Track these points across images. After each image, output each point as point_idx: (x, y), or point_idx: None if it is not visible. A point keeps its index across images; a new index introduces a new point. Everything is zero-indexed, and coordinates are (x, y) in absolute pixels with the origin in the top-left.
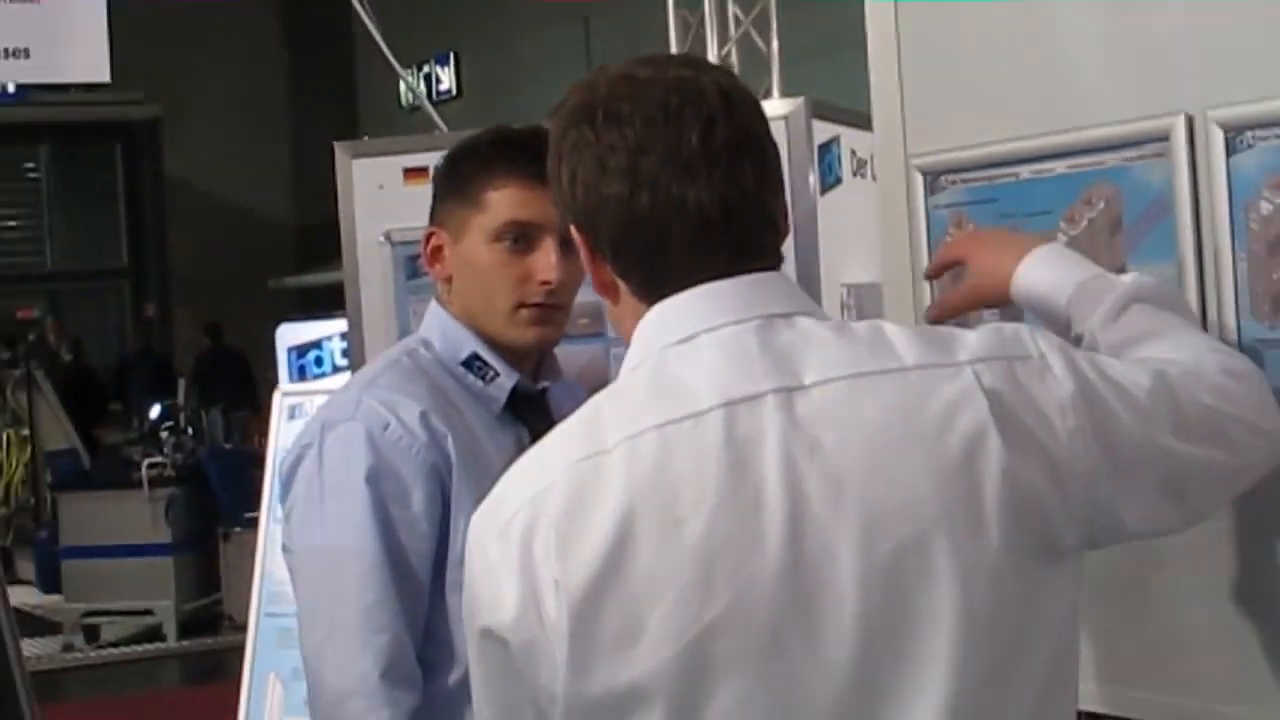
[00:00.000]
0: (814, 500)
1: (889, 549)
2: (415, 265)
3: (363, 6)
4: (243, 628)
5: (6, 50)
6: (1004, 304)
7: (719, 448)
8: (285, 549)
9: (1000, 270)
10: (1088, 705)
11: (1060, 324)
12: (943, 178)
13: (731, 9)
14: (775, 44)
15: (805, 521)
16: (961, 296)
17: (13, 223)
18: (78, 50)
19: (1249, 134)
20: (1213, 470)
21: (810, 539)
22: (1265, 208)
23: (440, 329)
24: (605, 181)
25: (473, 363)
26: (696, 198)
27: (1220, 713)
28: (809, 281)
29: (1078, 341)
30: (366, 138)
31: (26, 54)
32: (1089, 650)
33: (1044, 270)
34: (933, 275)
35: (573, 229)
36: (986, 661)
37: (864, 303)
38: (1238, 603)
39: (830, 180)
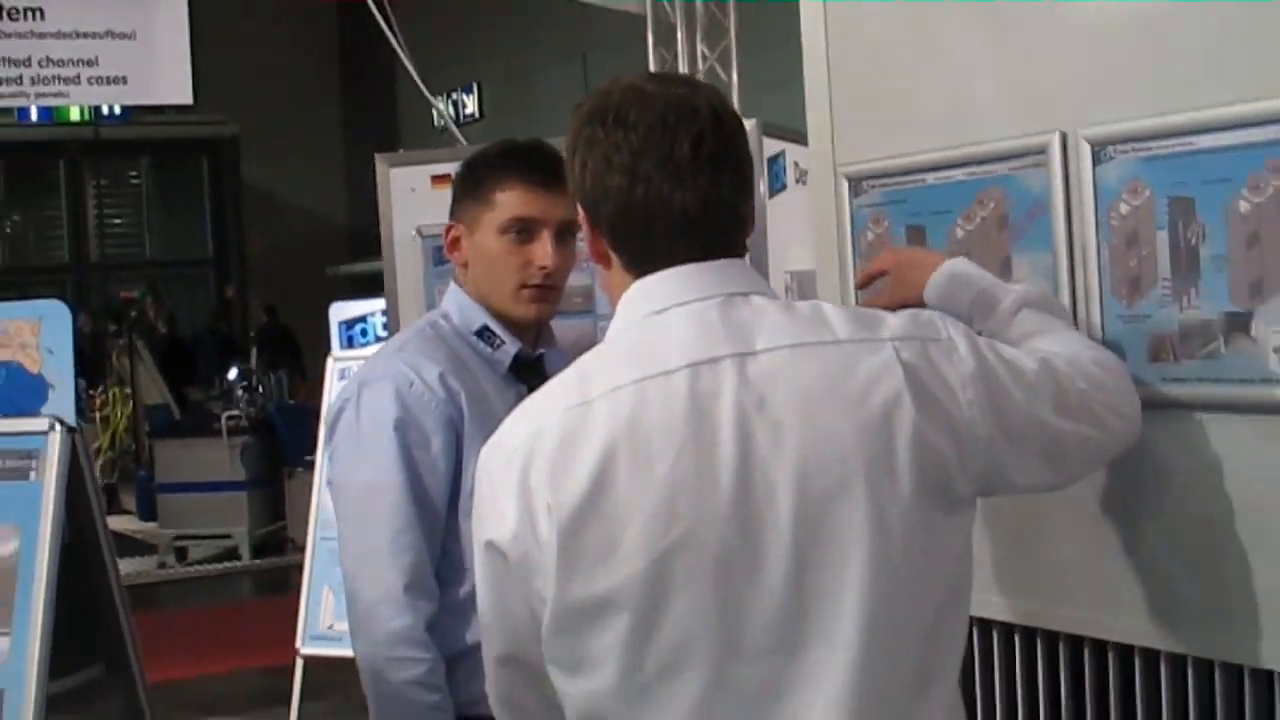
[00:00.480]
0: (760, 446)
1: (819, 489)
2: (440, 254)
3: (401, 47)
4: (302, 549)
5: (109, 78)
6: (919, 307)
7: (684, 400)
8: (330, 483)
9: (917, 281)
10: (989, 614)
11: (964, 324)
12: (864, 183)
13: (699, 48)
14: (735, 76)
15: (752, 464)
16: (885, 302)
17: (118, 220)
18: (166, 78)
19: (1111, 148)
20: (1085, 443)
21: (756, 478)
22: (1124, 208)
23: (457, 305)
24: (609, 174)
25: (483, 333)
26: (682, 198)
27: (1086, 618)
28: (759, 268)
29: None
30: (402, 151)
31: (125, 80)
32: (989, 571)
33: (952, 281)
34: (862, 285)
35: (579, 207)
36: (896, 583)
37: (803, 286)
38: (1099, 537)
39: (778, 186)
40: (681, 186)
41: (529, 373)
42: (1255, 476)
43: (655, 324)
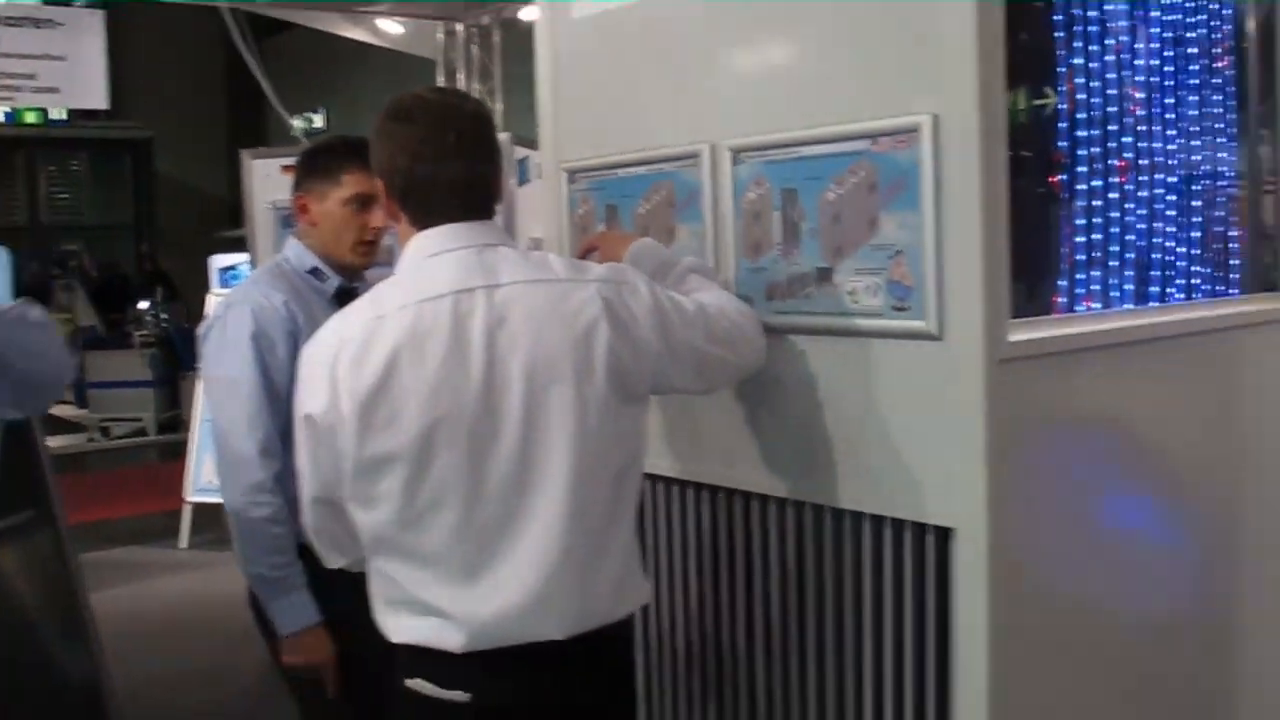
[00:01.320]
0: (500, 350)
1: (541, 381)
2: (287, 220)
3: (264, 80)
4: (190, 428)
5: (45, 88)
6: None
7: (449, 316)
8: (203, 378)
9: (618, 252)
10: (660, 471)
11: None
12: (577, 175)
13: (475, 84)
14: (500, 104)
15: (494, 362)
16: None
17: (64, 196)
18: (88, 89)
19: (744, 154)
20: (724, 363)
21: (496, 374)
22: (751, 195)
23: (295, 252)
24: (399, 156)
25: (314, 271)
26: (450, 174)
27: (722, 473)
28: (511, 233)
29: None
30: (260, 148)
31: (58, 90)
32: (662, 440)
33: (640, 252)
34: (581, 255)
35: (379, 180)
36: (591, 449)
37: (539, 246)
38: (734, 418)
39: (525, 180)
40: (449, 166)
41: (347, 299)
42: (834, 376)
43: (431, 264)
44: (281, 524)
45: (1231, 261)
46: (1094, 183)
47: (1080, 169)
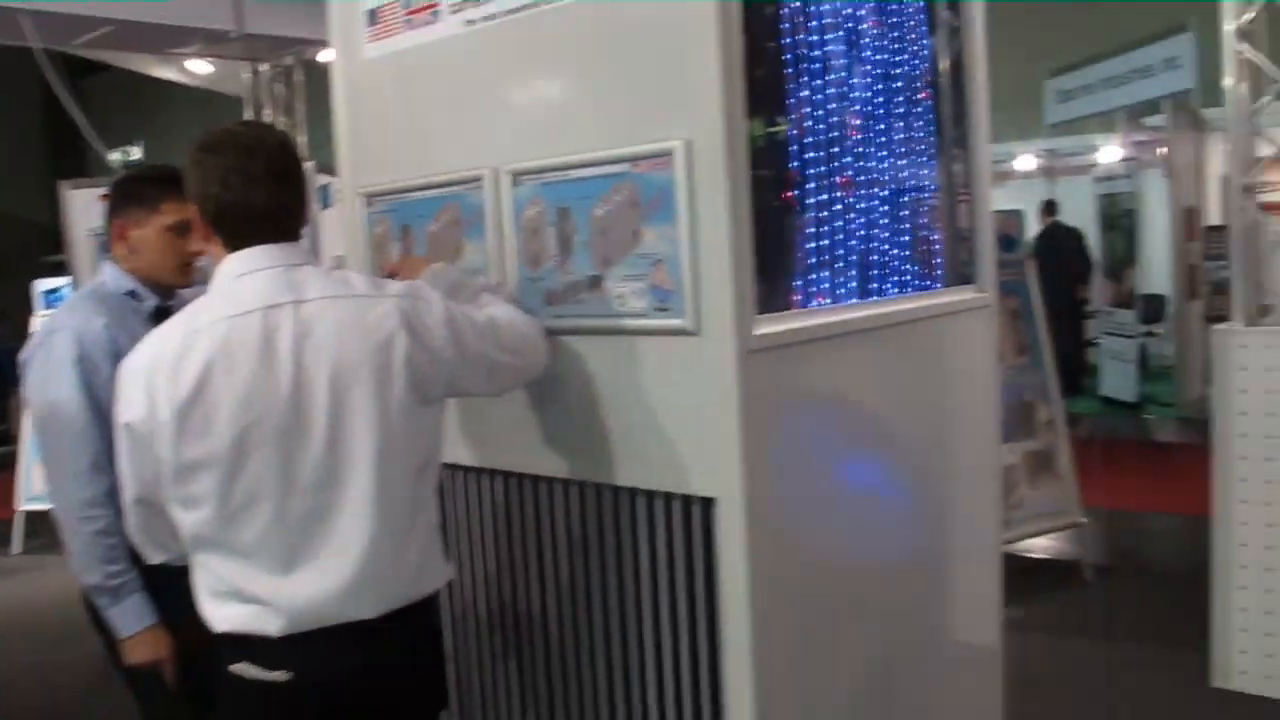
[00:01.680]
0: (307, 360)
1: (344, 386)
2: (105, 246)
3: (80, 113)
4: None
5: None
6: None
7: (258, 330)
8: (30, 402)
9: (417, 274)
10: (459, 460)
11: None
12: (373, 199)
13: (280, 118)
14: (304, 136)
15: (302, 372)
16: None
17: None
18: None
19: (523, 177)
20: (513, 368)
21: (304, 381)
22: (530, 213)
23: (112, 275)
24: (211, 185)
25: (131, 293)
26: (257, 200)
27: (531, 462)
28: (316, 252)
29: None
30: (77, 179)
31: None
32: (460, 433)
33: (435, 275)
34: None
35: (193, 206)
36: (393, 446)
37: (340, 264)
38: (523, 411)
39: (326, 204)
40: (257, 193)
41: (164, 317)
42: (608, 371)
43: (242, 282)
44: (114, 535)
45: (935, 260)
46: (821, 197)
47: (810, 185)
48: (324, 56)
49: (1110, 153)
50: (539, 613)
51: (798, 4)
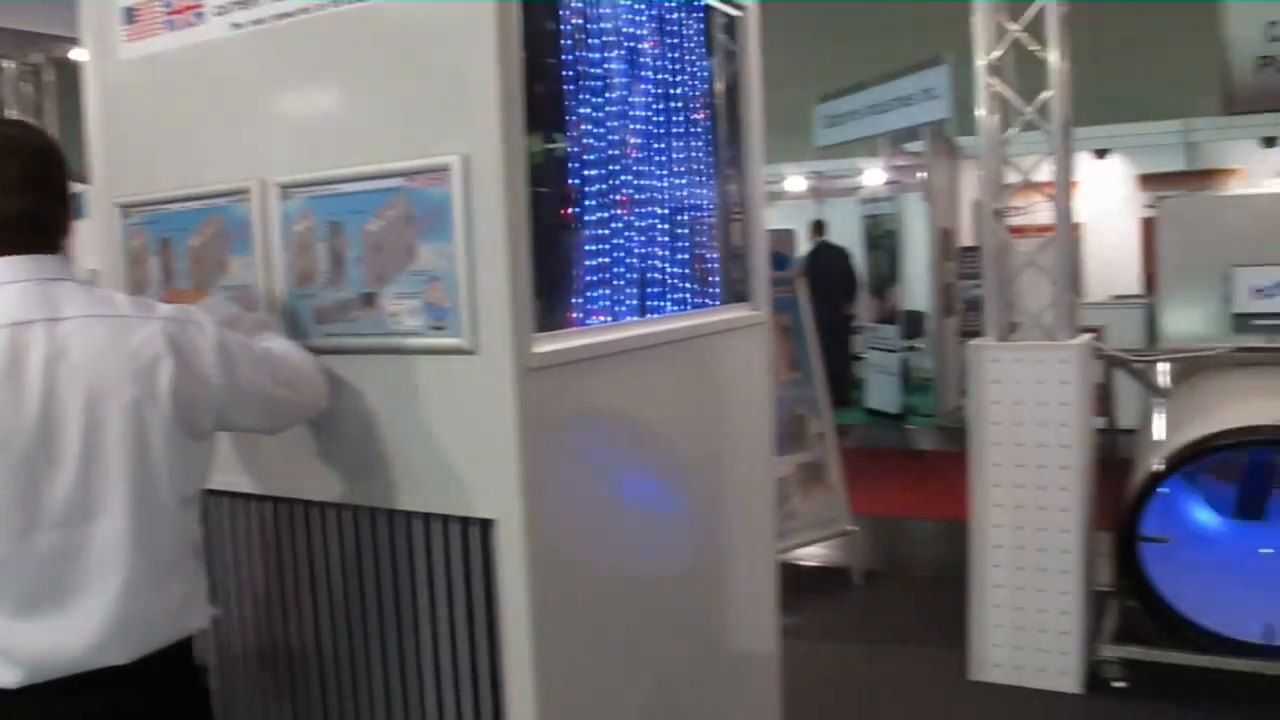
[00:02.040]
0: (60, 382)
1: (100, 413)
2: None
3: None
4: None
5: None
6: None
7: (4, 347)
8: None
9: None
10: (234, 489)
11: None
12: (130, 209)
13: (29, 121)
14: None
15: (54, 394)
16: None
17: None
18: None
19: (292, 190)
20: (290, 404)
21: (55, 404)
22: (299, 228)
23: None
24: None
25: None
26: (10, 207)
27: (304, 487)
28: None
29: None
30: None
31: None
32: (239, 463)
33: (214, 305)
34: None
35: None
36: (154, 477)
37: (95, 277)
38: (304, 433)
39: (79, 215)
40: (11, 199)
41: None
42: (383, 391)
43: None
44: None
45: (711, 278)
46: (600, 214)
47: (589, 202)
48: (76, 55)
49: (874, 176)
50: (313, 646)
51: (579, 21)
